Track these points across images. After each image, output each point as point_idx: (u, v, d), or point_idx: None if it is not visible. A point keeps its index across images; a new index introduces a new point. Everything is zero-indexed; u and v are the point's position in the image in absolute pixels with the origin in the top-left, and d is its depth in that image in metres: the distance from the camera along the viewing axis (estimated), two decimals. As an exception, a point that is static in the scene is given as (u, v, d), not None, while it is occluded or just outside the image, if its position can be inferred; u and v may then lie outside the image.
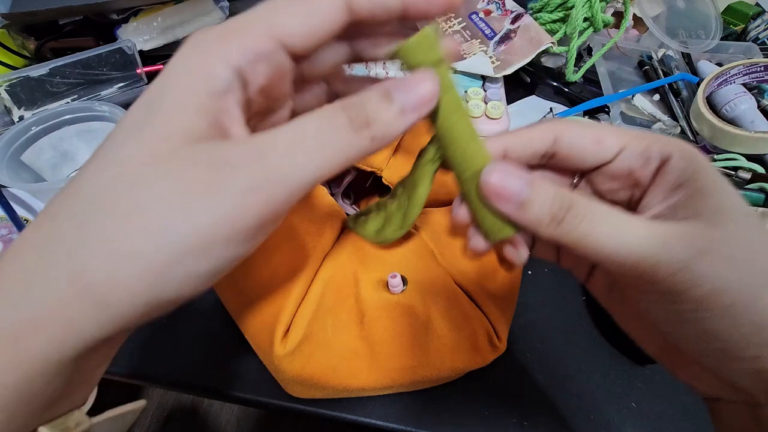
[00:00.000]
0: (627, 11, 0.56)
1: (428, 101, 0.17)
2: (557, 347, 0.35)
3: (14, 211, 0.38)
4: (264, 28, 0.15)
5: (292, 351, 0.25)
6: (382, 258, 0.27)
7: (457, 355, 0.27)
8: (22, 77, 0.47)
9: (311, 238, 0.27)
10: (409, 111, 0.16)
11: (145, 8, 0.55)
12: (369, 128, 0.15)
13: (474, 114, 0.52)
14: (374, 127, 0.15)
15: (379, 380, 0.26)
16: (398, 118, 0.16)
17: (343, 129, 0.15)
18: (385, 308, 0.26)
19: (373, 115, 0.15)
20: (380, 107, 0.15)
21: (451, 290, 0.27)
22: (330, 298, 0.26)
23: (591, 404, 0.32)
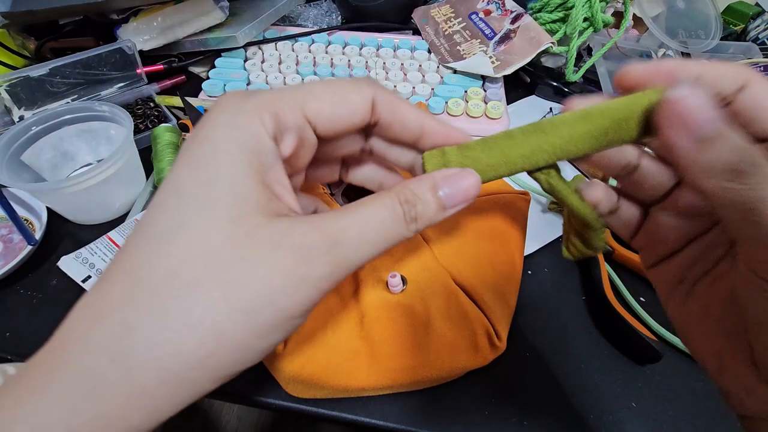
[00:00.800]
0: (627, 11, 0.56)
1: (468, 199, 0.18)
2: (557, 347, 0.35)
3: (14, 211, 0.38)
4: (297, 104, 0.17)
5: (292, 351, 0.25)
6: (382, 258, 0.27)
7: (457, 354, 0.27)
8: (22, 77, 0.47)
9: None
10: (450, 207, 0.18)
11: (145, 8, 0.55)
12: (416, 223, 0.17)
13: (473, 114, 0.52)
14: (420, 222, 0.17)
15: (379, 380, 0.26)
16: (439, 213, 0.17)
17: (400, 223, 0.17)
18: (384, 308, 0.26)
19: (421, 213, 0.17)
20: (429, 205, 0.17)
21: (451, 290, 0.27)
22: (330, 298, 0.26)
23: (591, 404, 0.32)
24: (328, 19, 0.66)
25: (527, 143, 0.18)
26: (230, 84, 0.54)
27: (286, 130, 0.16)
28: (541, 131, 0.18)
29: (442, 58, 0.58)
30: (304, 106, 0.17)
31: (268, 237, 0.15)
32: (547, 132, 0.18)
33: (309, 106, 0.17)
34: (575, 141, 0.18)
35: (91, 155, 0.45)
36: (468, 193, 0.18)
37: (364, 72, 0.56)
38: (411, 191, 0.17)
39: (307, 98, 0.17)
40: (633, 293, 0.38)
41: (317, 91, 0.17)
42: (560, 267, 0.40)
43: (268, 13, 0.58)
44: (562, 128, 0.18)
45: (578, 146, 0.18)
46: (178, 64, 0.56)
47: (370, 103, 0.18)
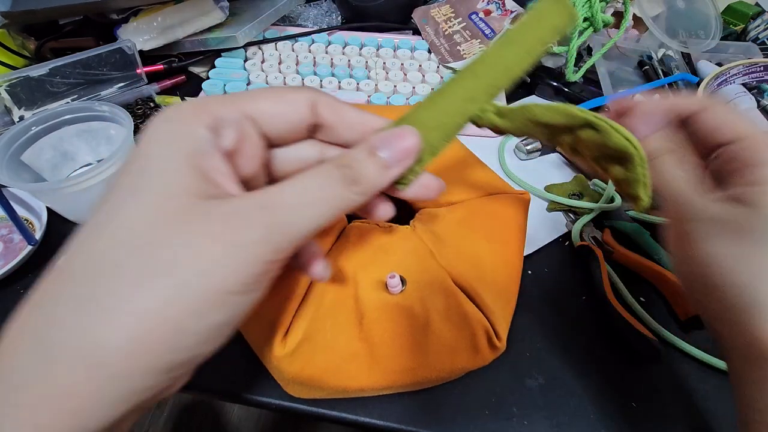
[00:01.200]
0: (627, 11, 0.56)
1: (409, 155, 0.18)
2: (557, 347, 0.35)
3: (14, 211, 0.38)
4: (235, 102, 0.18)
5: (291, 352, 0.25)
6: (381, 258, 0.27)
7: (456, 355, 0.27)
8: (22, 77, 0.47)
9: (311, 238, 0.27)
10: (392, 166, 0.18)
11: (145, 8, 0.55)
12: (358, 185, 0.17)
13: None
14: (362, 183, 0.17)
15: (379, 381, 0.26)
16: (382, 173, 0.18)
17: (338, 186, 0.17)
18: (384, 309, 0.26)
19: (359, 173, 0.17)
20: (366, 165, 0.17)
21: (450, 290, 0.27)
22: (329, 299, 0.26)
23: (591, 404, 0.32)
24: (328, 19, 0.66)
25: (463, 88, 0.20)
26: (230, 84, 0.54)
27: (224, 124, 0.17)
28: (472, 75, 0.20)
29: (442, 58, 0.58)
30: (244, 105, 0.18)
31: (197, 212, 0.15)
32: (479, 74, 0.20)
33: (248, 103, 0.18)
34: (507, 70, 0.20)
35: (91, 155, 0.45)
36: (408, 150, 0.18)
37: (365, 72, 0.56)
38: (347, 155, 0.18)
39: (246, 98, 0.18)
40: (633, 293, 0.38)
41: (256, 92, 0.18)
42: (560, 267, 0.40)
43: (268, 13, 0.58)
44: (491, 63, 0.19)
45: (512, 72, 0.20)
46: (178, 64, 0.56)
47: (309, 103, 0.19)
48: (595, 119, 0.19)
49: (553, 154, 0.50)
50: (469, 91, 0.20)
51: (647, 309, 0.37)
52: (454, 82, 0.20)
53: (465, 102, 0.19)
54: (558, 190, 0.46)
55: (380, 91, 0.54)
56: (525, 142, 0.49)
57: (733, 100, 0.49)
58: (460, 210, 0.30)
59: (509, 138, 0.51)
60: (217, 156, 0.16)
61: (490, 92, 0.20)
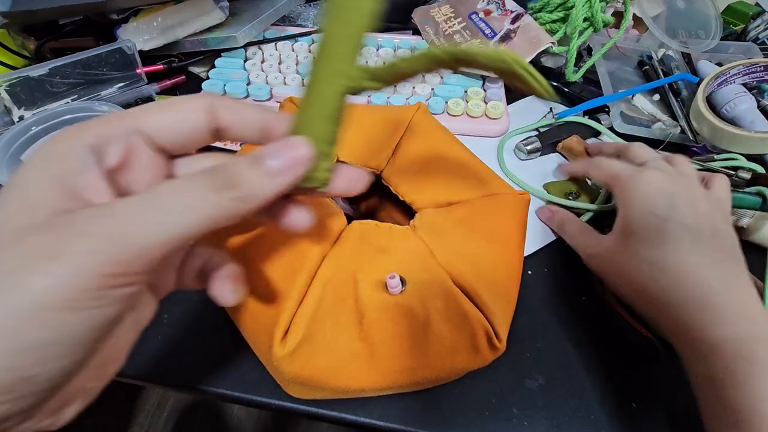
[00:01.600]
0: (627, 11, 0.56)
1: (300, 162, 0.18)
2: (557, 347, 0.35)
3: (14, 211, 0.38)
4: (122, 118, 0.17)
5: (291, 352, 0.25)
6: (381, 259, 0.27)
7: (456, 355, 0.27)
8: (22, 77, 0.47)
9: (310, 239, 0.27)
10: (279, 174, 0.17)
11: (145, 8, 0.55)
12: (235, 189, 0.16)
13: (473, 114, 0.52)
14: (241, 187, 0.16)
15: (379, 382, 0.26)
16: (266, 179, 0.17)
17: (202, 191, 0.16)
18: (384, 309, 0.26)
19: (238, 177, 0.16)
20: (246, 170, 0.17)
21: (450, 291, 0.27)
22: (329, 299, 0.26)
23: (591, 404, 0.32)
24: (328, 19, 0.66)
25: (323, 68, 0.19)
26: (230, 84, 0.54)
27: (108, 141, 0.16)
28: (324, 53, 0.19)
29: (442, 58, 0.58)
30: (132, 121, 0.17)
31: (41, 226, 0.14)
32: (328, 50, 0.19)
33: (136, 118, 0.17)
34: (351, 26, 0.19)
35: None
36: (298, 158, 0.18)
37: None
38: (227, 162, 0.17)
39: (135, 113, 0.18)
40: (633, 293, 0.37)
41: (148, 106, 0.18)
42: (560, 267, 0.40)
43: (268, 13, 0.58)
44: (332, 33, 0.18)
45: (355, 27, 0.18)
46: (178, 64, 0.56)
47: (205, 108, 0.18)
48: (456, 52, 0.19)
49: (553, 154, 0.50)
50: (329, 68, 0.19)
51: (647, 309, 0.37)
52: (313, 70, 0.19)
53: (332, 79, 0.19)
54: (555, 188, 0.46)
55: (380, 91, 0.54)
56: (525, 143, 0.49)
57: (733, 100, 0.49)
58: (460, 210, 0.30)
59: (509, 138, 0.51)
60: (92, 173, 0.16)
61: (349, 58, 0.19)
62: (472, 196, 0.31)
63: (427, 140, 0.35)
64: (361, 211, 0.38)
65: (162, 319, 0.35)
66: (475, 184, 0.32)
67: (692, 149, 0.51)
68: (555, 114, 0.52)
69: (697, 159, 0.47)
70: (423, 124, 0.36)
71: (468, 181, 0.32)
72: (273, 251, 0.27)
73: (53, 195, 0.15)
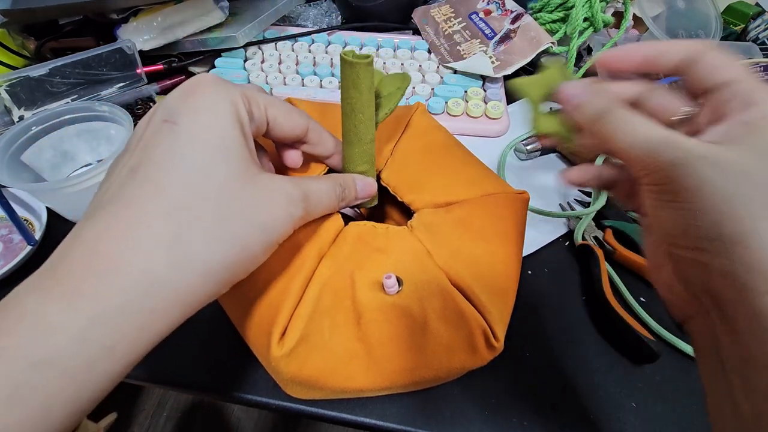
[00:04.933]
0: (627, 11, 0.56)
1: (370, 196, 0.29)
2: (557, 347, 0.35)
3: (14, 211, 0.38)
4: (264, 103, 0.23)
5: (289, 352, 0.25)
6: (378, 259, 0.27)
7: (454, 355, 0.27)
8: (22, 77, 0.47)
9: (308, 239, 0.27)
10: (360, 199, 0.28)
11: (145, 8, 0.55)
12: (342, 201, 0.26)
13: (473, 114, 0.52)
14: (344, 201, 0.26)
15: (377, 382, 0.26)
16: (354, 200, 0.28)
17: (336, 197, 0.26)
18: (381, 310, 0.26)
19: (347, 195, 0.26)
20: (351, 192, 0.27)
21: (447, 290, 0.27)
22: (327, 299, 0.26)
23: (591, 404, 0.32)
24: (328, 19, 0.66)
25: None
26: (230, 84, 0.54)
27: (252, 118, 0.22)
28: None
29: (442, 58, 0.58)
30: (268, 108, 0.23)
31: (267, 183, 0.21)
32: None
33: (270, 109, 0.23)
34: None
35: (91, 155, 0.45)
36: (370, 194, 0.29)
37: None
38: (344, 180, 0.26)
39: (270, 103, 0.23)
40: (633, 293, 0.37)
41: (277, 102, 0.24)
42: (560, 267, 0.40)
43: (268, 13, 0.58)
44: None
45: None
46: (178, 64, 0.56)
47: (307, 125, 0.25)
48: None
49: (553, 154, 0.50)
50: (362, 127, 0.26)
51: (647, 309, 0.37)
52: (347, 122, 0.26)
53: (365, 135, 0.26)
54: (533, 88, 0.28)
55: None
56: (525, 143, 0.49)
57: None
58: (458, 210, 0.30)
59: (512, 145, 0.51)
60: (251, 136, 0.22)
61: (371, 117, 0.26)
62: (470, 196, 0.31)
63: (426, 140, 0.35)
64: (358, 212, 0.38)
65: (161, 319, 0.35)
66: (474, 184, 0.32)
67: (692, 149, 0.51)
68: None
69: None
70: (422, 124, 0.36)
71: (467, 181, 0.32)
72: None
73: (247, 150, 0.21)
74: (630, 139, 0.20)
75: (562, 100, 0.24)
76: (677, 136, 0.19)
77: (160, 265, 0.17)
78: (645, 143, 0.20)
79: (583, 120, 0.23)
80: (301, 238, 0.27)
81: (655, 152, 0.19)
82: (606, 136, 0.21)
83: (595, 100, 0.22)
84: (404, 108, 0.37)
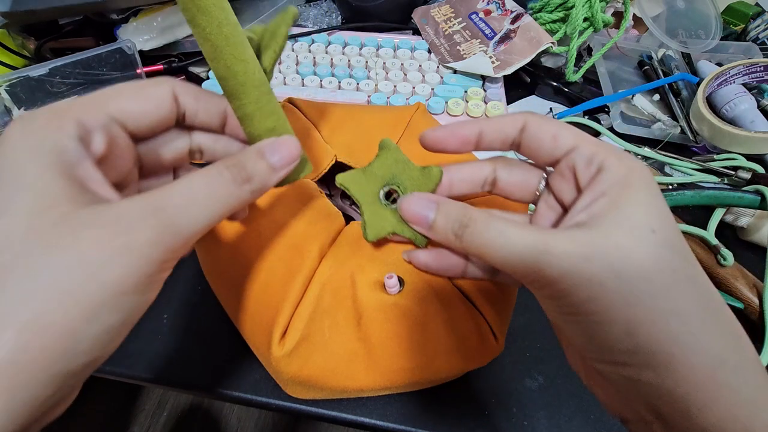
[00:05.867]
0: (627, 11, 0.56)
1: (293, 159, 0.20)
2: (557, 347, 0.35)
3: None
4: (98, 105, 0.18)
5: (289, 352, 0.25)
6: (379, 258, 0.27)
7: (454, 355, 0.27)
8: (22, 77, 0.47)
9: (308, 239, 0.27)
10: (279, 168, 0.19)
11: (145, 8, 0.55)
12: (250, 183, 0.18)
13: (473, 114, 0.52)
14: (253, 181, 0.18)
15: (378, 382, 0.26)
16: (271, 173, 0.19)
17: (228, 184, 0.18)
18: (382, 309, 0.26)
19: (251, 172, 0.18)
20: (257, 165, 0.19)
21: (448, 290, 0.27)
22: (327, 299, 0.26)
23: (591, 404, 0.32)
24: (328, 19, 0.66)
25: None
26: (230, 84, 0.54)
27: (91, 130, 0.17)
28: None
29: (442, 58, 0.58)
30: (107, 107, 0.18)
31: (79, 220, 0.15)
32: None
33: (111, 105, 0.18)
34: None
35: None
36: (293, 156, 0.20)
37: (364, 72, 0.56)
38: (236, 157, 0.19)
39: (108, 99, 0.18)
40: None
41: (117, 90, 0.19)
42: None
43: (268, 13, 0.58)
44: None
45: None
46: (178, 64, 0.56)
47: (171, 94, 0.19)
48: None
49: (553, 154, 0.50)
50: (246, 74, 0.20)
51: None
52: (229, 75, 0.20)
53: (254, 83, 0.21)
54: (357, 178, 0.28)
55: (380, 91, 0.54)
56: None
57: (733, 100, 0.49)
58: None
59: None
60: (88, 164, 0.16)
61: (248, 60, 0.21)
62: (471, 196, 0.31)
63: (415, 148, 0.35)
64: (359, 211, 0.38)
65: (162, 319, 0.35)
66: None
67: (692, 149, 0.51)
68: (555, 114, 0.53)
69: (697, 159, 0.47)
70: (422, 124, 0.36)
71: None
72: (271, 252, 0.27)
73: (69, 189, 0.15)
74: (504, 252, 0.18)
75: (408, 219, 0.21)
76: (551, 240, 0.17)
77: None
78: (521, 255, 0.17)
79: (442, 240, 0.20)
80: (301, 237, 0.27)
81: (536, 264, 0.17)
82: (473, 252, 0.19)
83: (447, 214, 0.20)
84: (404, 108, 0.37)
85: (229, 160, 0.18)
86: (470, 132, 0.21)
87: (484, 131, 0.21)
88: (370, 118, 0.36)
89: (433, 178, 0.23)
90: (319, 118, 0.35)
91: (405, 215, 0.22)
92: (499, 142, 0.21)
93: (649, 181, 0.17)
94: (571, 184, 0.20)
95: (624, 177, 0.17)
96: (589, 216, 0.17)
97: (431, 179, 0.23)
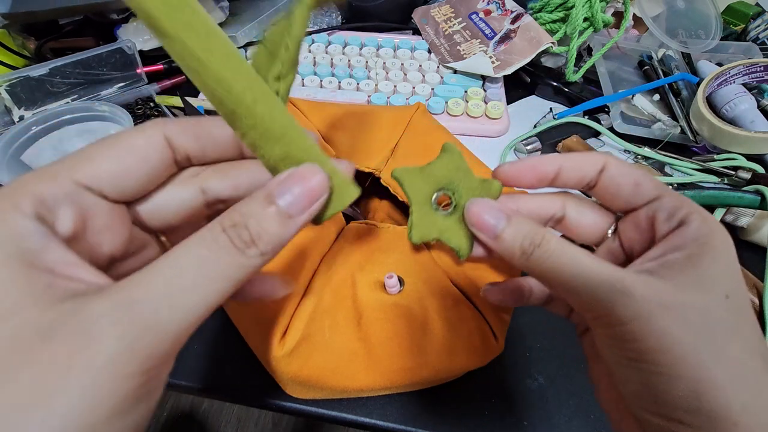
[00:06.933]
0: (627, 11, 0.56)
1: (317, 194, 0.15)
2: (557, 347, 0.35)
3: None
4: (58, 174, 0.14)
5: (290, 352, 0.25)
6: (379, 259, 0.27)
7: (454, 355, 0.27)
8: (22, 77, 0.47)
9: (309, 240, 0.27)
10: (296, 212, 0.14)
11: (145, 8, 0.55)
12: (256, 245, 0.14)
13: (473, 114, 0.52)
14: (261, 242, 0.14)
15: (378, 381, 0.26)
16: (285, 225, 0.14)
17: (227, 253, 0.13)
18: (382, 309, 0.26)
19: (257, 231, 0.14)
20: (264, 217, 0.14)
21: (448, 290, 0.27)
22: (328, 299, 0.26)
23: (591, 404, 0.32)
24: (328, 19, 0.66)
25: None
26: (230, 84, 0.54)
27: (52, 205, 0.14)
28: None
29: (442, 58, 0.58)
30: (73, 173, 0.14)
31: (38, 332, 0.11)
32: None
33: (78, 171, 0.14)
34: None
35: None
36: (314, 192, 0.15)
37: (365, 72, 0.56)
38: (237, 212, 0.14)
39: (75, 163, 0.14)
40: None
41: (87, 152, 0.15)
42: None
43: (268, 13, 0.58)
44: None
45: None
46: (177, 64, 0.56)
47: (161, 141, 0.16)
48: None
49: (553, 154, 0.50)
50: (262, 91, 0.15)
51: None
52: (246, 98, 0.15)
53: (269, 99, 0.15)
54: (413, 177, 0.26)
55: (380, 91, 0.54)
56: (525, 143, 0.49)
57: (733, 100, 0.49)
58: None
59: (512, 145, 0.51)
60: (55, 246, 0.13)
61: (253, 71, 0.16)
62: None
63: (426, 140, 0.35)
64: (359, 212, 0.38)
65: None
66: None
67: (692, 149, 0.51)
68: (555, 114, 0.53)
69: (697, 159, 0.47)
70: (422, 124, 0.36)
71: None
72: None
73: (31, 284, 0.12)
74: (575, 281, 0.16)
75: (473, 223, 0.20)
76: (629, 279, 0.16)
77: None
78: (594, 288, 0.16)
79: (506, 253, 0.18)
80: (301, 237, 0.27)
81: (609, 301, 0.16)
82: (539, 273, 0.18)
83: (518, 229, 0.18)
84: (404, 108, 0.37)
85: (229, 217, 0.14)
86: (550, 168, 0.20)
87: (563, 168, 0.20)
88: (370, 119, 0.36)
89: (493, 193, 0.21)
90: (320, 118, 0.35)
91: (472, 219, 0.20)
92: (575, 180, 0.20)
93: (730, 246, 0.17)
94: (645, 233, 0.19)
95: (705, 236, 0.17)
96: (661, 266, 0.17)
97: (490, 194, 0.21)
